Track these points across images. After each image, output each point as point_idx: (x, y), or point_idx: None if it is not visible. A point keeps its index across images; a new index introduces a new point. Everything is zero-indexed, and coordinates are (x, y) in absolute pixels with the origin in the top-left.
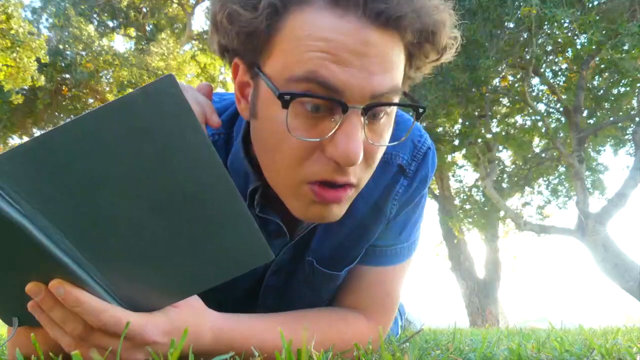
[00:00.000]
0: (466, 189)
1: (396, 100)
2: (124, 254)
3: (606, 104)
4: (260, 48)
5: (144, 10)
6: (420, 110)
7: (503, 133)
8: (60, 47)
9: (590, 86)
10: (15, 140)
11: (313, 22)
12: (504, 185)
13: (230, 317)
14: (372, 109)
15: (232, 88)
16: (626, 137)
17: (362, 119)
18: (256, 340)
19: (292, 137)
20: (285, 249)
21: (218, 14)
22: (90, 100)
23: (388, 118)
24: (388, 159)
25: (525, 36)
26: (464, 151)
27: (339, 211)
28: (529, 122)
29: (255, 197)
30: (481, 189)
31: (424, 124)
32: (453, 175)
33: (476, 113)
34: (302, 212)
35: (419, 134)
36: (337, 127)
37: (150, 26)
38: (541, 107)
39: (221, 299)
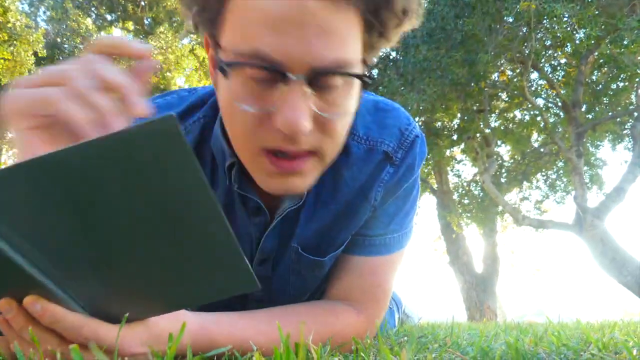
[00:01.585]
0: (464, 184)
1: (348, 70)
2: (105, 274)
3: (605, 98)
4: (214, 21)
5: (142, 3)
6: (367, 80)
7: (502, 128)
8: (58, 40)
9: (589, 81)
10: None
11: None
12: (503, 180)
13: (210, 318)
14: (317, 80)
15: None
16: (625, 132)
17: (306, 89)
18: (238, 338)
19: (240, 107)
20: (269, 234)
21: None
22: None
23: (346, 87)
24: (373, 145)
25: (524, 31)
26: (462, 146)
27: (302, 183)
28: (527, 117)
29: (232, 173)
30: (479, 183)
31: (423, 118)
32: (451, 170)
33: (475, 108)
34: (265, 184)
35: (407, 122)
36: (282, 99)
37: (149, 20)
38: (540, 101)
39: None
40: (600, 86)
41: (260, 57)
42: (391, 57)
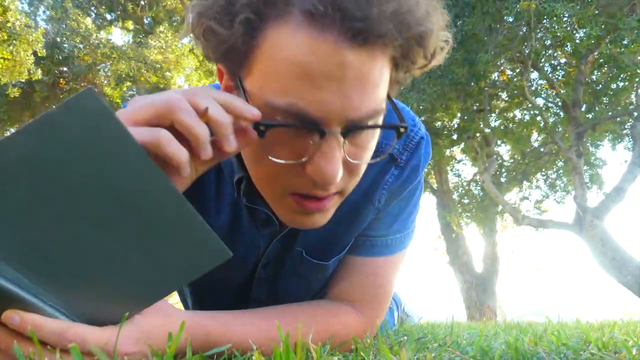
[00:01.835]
0: (464, 184)
1: (379, 119)
2: (75, 272)
3: (605, 98)
4: (239, 63)
5: (142, 3)
6: (403, 131)
7: (502, 127)
8: (58, 40)
9: (589, 81)
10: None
11: (289, 43)
12: (502, 179)
13: (205, 314)
14: (351, 130)
15: None
16: (624, 131)
17: (340, 139)
18: (235, 334)
19: (272, 159)
20: (275, 241)
21: (195, 28)
22: None
23: (373, 130)
24: (378, 148)
25: (524, 30)
26: (462, 145)
27: (323, 219)
28: (527, 117)
29: (241, 187)
30: (479, 183)
31: (423, 118)
32: (451, 170)
33: (475, 107)
34: (286, 219)
35: (413, 123)
36: (315, 149)
37: (149, 19)
38: (540, 101)
39: (216, 295)
40: (600, 86)
41: (297, 113)
42: None
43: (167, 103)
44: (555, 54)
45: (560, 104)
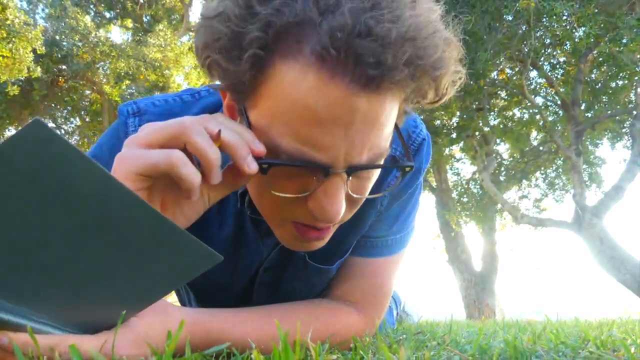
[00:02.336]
0: (463, 182)
1: (384, 159)
2: (62, 291)
3: (604, 97)
4: (245, 96)
5: (141, 1)
6: (408, 170)
7: (501, 126)
8: (57, 37)
9: (588, 79)
10: (12, 132)
11: (298, 85)
12: (502, 178)
13: (205, 311)
14: (355, 170)
15: None
16: (623, 130)
17: (344, 177)
18: (236, 331)
19: (275, 194)
20: (278, 248)
21: (200, 58)
22: (87, 92)
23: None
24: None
25: (524, 29)
26: (461, 144)
27: (321, 244)
28: (526, 115)
29: (246, 199)
30: (478, 182)
31: (422, 117)
32: (450, 169)
33: (474, 106)
34: (285, 243)
35: (414, 124)
36: (318, 185)
37: (148, 17)
38: (539, 100)
39: (218, 298)
40: (600, 84)
41: (302, 157)
42: None
43: (181, 125)
44: (554, 53)
45: (559, 102)
